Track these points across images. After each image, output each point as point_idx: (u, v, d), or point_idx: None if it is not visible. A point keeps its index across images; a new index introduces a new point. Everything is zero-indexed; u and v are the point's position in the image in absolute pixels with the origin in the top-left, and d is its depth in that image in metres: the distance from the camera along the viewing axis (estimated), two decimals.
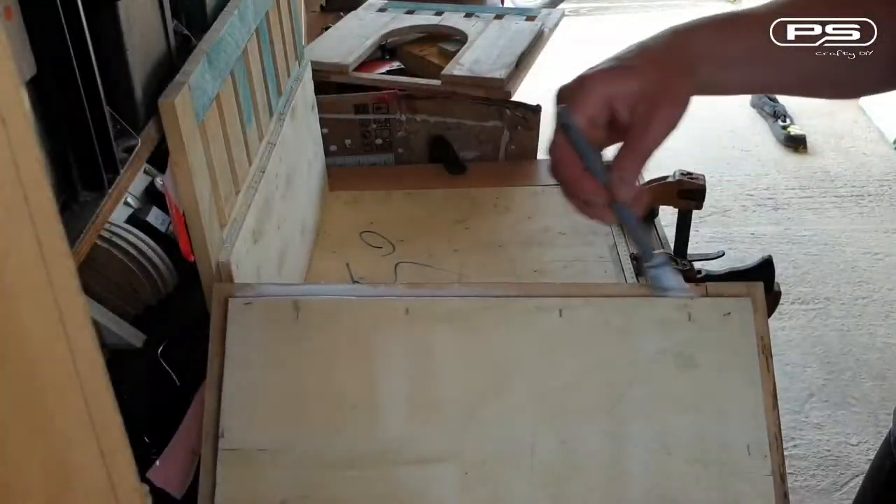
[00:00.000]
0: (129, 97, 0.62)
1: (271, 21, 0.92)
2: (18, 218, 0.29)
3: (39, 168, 0.30)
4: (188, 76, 0.65)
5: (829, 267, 2.62)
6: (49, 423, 0.33)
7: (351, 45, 1.40)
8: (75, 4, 0.52)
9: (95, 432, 0.37)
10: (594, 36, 4.79)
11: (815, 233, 2.79)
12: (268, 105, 0.92)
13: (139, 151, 0.62)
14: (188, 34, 0.74)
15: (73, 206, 0.56)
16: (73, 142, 0.55)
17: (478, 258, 1.12)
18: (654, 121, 0.58)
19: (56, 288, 0.32)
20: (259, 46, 0.87)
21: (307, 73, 1.14)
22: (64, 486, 0.34)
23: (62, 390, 0.34)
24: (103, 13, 0.57)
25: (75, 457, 0.35)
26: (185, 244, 0.73)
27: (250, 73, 0.83)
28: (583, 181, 0.60)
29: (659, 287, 0.68)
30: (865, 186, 2.94)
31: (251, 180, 0.84)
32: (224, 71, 0.74)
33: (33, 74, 0.51)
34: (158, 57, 0.67)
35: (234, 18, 0.77)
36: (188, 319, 0.98)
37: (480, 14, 1.51)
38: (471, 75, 1.27)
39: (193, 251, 0.71)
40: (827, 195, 2.98)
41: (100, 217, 0.57)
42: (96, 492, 0.38)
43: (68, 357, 0.34)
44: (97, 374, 0.37)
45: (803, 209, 2.93)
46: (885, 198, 2.86)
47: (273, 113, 0.95)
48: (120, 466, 0.40)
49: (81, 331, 0.35)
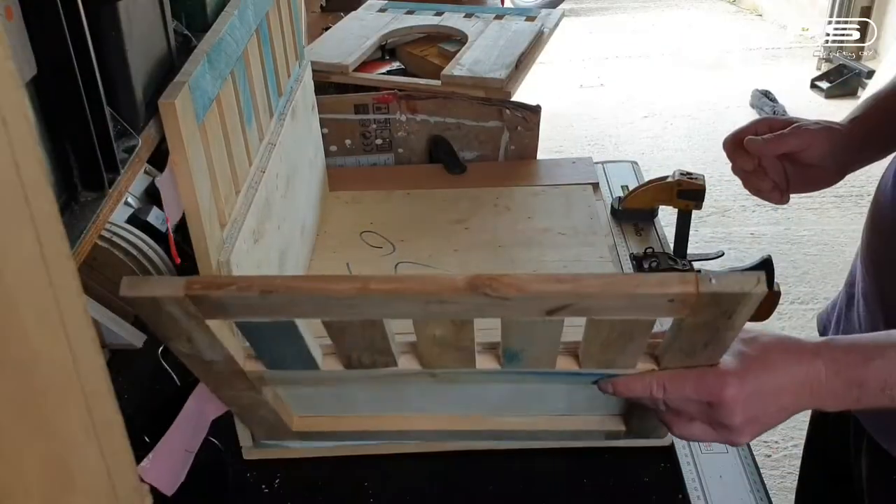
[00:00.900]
0: (130, 97, 0.62)
1: (271, 21, 0.92)
2: (19, 218, 0.29)
3: (40, 168, 0.30)
4: (188, 76, 0.65)
5: (829, 267, 2.62)
6: (49, 424, 0.33)
7: (351, 45, 1.40)
8: (75, 5, 0.52)
9: (96, 433, 0.37)
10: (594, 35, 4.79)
11: (814, 233, 2.79)
12: (268, 105, 0.92)
13: (139, 151, 0.62)
14: (188, 34, 0.74)
15: (74, 207, 0.56)
16: (74, 142, 0.55)
17: (478, 258, 1.12)
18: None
19: (56, 288, 0.32)
20: (259, 47, 0.87)
21: (307, 73, 1.14)
22: (64, 487, 0.34)
23: (63, 391, 0.34)
24: (103, 13, 0.57)
25: (76, 457, 0.35)
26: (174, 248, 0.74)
27: (250, 74, 0.83)
28: None
29: None
30: (865, 186, 2.94)
31: (251, 180, 0.84)
32: (224, 71, 0.74)
33: (34, 75, 0.51)
34: (159, 57, 0.67)
35: (234, 19, 0.77)
36: None
37: (480, 14, 1.51)
38: (471, 75, 1.27)
39: (194, 251, 0.71)
40: (826, 195, 2.98)
41: (100, 217, 0.57)
42: (97, 492, 0.38)
43: (69, 357, 0.34)
44: (98, 374, 0.37)
45: (803, 209, 2.93)
46: None
47: (273, 113, 0.95)
48: (121, 467, 0.40)
49: (82, 331, 0.35)
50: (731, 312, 0.52)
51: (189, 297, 0.51)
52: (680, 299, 0.50)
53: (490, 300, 0.49)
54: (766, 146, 0.84)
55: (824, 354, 0.60)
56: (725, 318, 0.52)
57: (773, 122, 0.87)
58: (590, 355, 0.60)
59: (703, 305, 0.51)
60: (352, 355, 0.61)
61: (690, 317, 0.52)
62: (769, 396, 0.60)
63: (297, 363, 0.62)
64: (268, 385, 0.69)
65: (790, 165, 0.86)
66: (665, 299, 0.50)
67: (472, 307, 0.52)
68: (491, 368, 0.63)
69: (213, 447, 0.84)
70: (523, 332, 0.57)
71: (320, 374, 0.65)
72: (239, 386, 0.67)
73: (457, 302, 0.50)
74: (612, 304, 0.51)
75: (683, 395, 0.61)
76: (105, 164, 0.57)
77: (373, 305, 0.52)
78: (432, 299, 0.50)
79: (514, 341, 0.59)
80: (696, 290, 0.49)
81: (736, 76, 4.05)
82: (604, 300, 0.51)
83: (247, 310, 0.53)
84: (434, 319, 0.55)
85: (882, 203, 0.82)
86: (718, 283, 0.49)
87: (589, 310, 0.53)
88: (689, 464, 0.81)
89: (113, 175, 0.58)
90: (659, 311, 0.52)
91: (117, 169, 0.59)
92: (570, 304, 0.51)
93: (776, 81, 3.87)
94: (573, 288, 0.49)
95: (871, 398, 0.60)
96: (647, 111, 3.66)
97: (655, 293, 0.50)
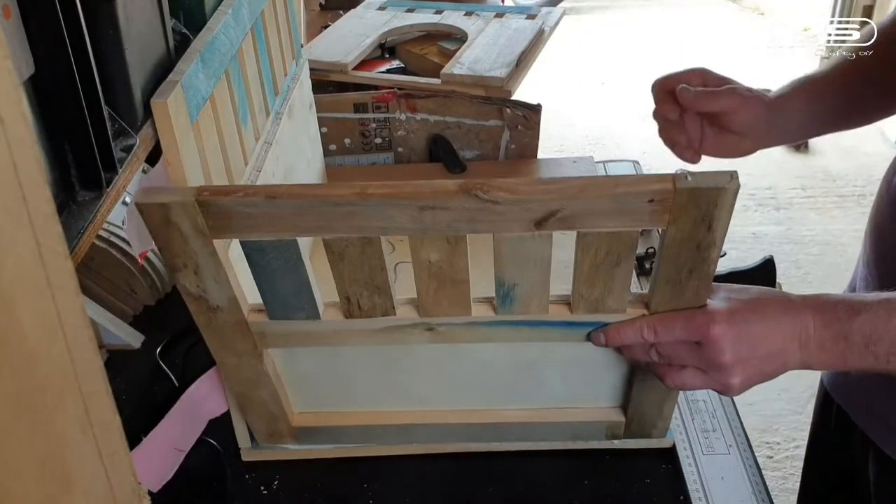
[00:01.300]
0: (128, 96, 0.62)
1: (267, 19, 0.91)
2: (17, 218, 0.29)
3: (38, 168, 0.30)
4: (181, 76, 0.65)
5: (831, 267, 2.62)
6: (47, 424, 0.33)
7: (350, 43, 1.39)
8: (73, 3, 0.52)
9: (94, 433, 0.37)
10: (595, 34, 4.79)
11: (816, 233, 2.79)
12: (264, 104, 0.92)
13: (137, 151, 0.62)
14: (187, 33, 0.74)
15: (72, 206, 0.56)
16: (72, 141, 0.55)
17: (478, 258, 1.12)
18: None
19: (54, 288, 0.32)
20: (254, 45, 0.87)
21: (305, 71, 1.14)
22: (62, 487, 0.34)
23: (60, 391, 0.34)
24: (101, 12, 0.57)
25: (73, 457, 0.35)
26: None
27: (245, 73, 0.83)
28: None
29: None
30: (867, 186, 2.94)
31: (247, 180, 0.84)
32: (218, 70, 0.73)
33: (31, 73, 0.51)
34: (157, 56, 0.67)
35: (228, 17, 0.76)
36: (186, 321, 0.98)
37: (480, 13, 1.50)
38: (471, 74, 1.27)
39: None
40: (829, 195, 2.98)
41: (98, 217, 0.56)
42: (95, 493, 0.38)
43: (66, 358, 0.34)
44: (96, 374, 0.37)
45: (805, 209, 2.93)
46: None
47: (269, 112, 0.95)
48: (119, 467, 0.40)
49: (80, 331, 0.34)
50: (710, 218, 0.54)
51: (198, 203, 0.54)
52: (659, 198, 0.52)
53: (481, 204, 0.52)
54: (696, 99, 0.81)
55: (812, 306, 0.61)
56: (706, 229, 0.55)
57: (707, 75, 0.84)
58: (580, 295, 0.62)
59: (681, 207, 0.53)
60: (351, 296, 0.62)
61: (672, 225, 0.55)
62: (758, 338, 0.61)
63: (298, 306, 0.63)
64: (269, 350, 0.70)
65: (708, 126, 0.84)
66: (645, 199, 0.53)
67: (464, 215, 0.54)
68: (486, 316, 0.65)
69: (211, 448, 0.84)
70: (514, 252, 0.58)
71: (321, 328, 0.66)
72: (241, 347, 0.67)
73: (449, 207, 0.53)
74: (595, 208, 0.54)
75: (674, 335, 0.63)
76: (103, 164, 0.57)
77: (371, 212, 0.54)
78: (426, 203, 0.53)
79: (506, 269, 0.60)
80: (673, 186, 0.52)
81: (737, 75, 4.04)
82: (587, 202, 0.53)
83: (252, 223, 0.55)
84: (429, 238, 0.57)
85: (883, 203, 0.82)
86: (694, 180, 0.52)
87: (574, 218, 0.54)
88: (690, 465, 0.81)
89: (111, 174, 0.58)
90: (641, 216, 0.54)
91: (115, 168, 0.58)
92: (557, 211, 0.53)
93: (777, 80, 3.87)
94: (558, 188, 0.53)
95: (855, 355, 0.60)
96: (649, 110, 3.63)
97: (635, 191, 0.52)
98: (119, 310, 1.00)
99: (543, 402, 0.78)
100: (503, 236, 0.57)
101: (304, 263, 0.61)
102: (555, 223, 0.55)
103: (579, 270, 0.61)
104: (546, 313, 0.65)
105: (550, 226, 0.55)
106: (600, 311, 0.64)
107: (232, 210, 0.54)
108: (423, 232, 0.57)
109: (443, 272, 0.61)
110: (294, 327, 0.66)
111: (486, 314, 0.66)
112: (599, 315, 0.65)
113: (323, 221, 0.56)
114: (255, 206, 0.54)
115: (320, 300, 0.65)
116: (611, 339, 0.66)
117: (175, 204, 0.54)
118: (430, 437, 0.81)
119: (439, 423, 0.79)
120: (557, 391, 0.76)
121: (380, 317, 0.65)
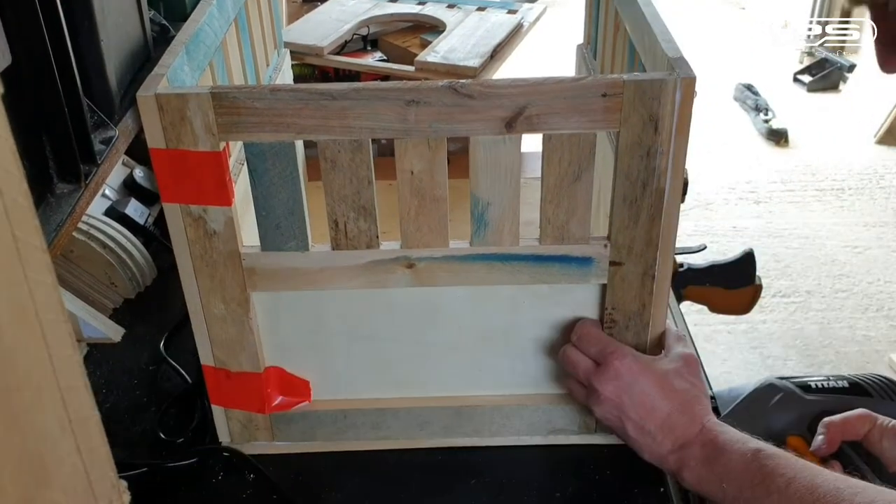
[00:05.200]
0: (105, 87, 0.62)
1: (250, 10, 0.91)
2: None
3: (14, 160, 0.30)
4: (166, 69, 0.64)
5: (810, 260, 2.64)
6: (25, 419, 0.32)
7: (328, 28, 1.39)
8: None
9: (72, 428, 0.36)
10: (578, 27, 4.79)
11: (796, 226, 2.81)
12: None
13: (117, 143, 0.61)
14: (166, 24, 0.73)
15: (50, 199, 0.55)
16: (50, 133, 0.54)
17: (456, 209, 1.11)
18: None
19: (31, 283, 0.32)
20: (238, 36, 0.86)
21: (286, 61, 1.14)
22: (40, 483, 0.34)
23: (38, 386, 0.33)
24: (77, 2, 0.56)
25: (51, 453, 0.35)
26: None
27: (229, 64, 0.82)
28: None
29: None
30: (846, 180, 2.97)
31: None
32: (203, 62, 0.73)
33: (8, 65, 0.50)
34: (134, 47, 0.67)
35: (212, 8, 0.76)
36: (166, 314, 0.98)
37: (462, 5, 1.50)
38: (444, 62, 1.27)
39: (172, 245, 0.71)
40: (808, 189, 3.00)
41: (77, 209, 0.56)
42: (73, 488, 0.37)
43: (44, 352, 0.33)
44: (74, 369, 0.36)
45: (785, 203, 2.95)
46: (866, 192, 2.89)
47: None
48: (98, 462, 0.39)
49: (58, 326, 0.34)
50: (656, 118, 0.62)
51: (212, 96, 0.59)
52: (612, 92, 0.61)
53: (459, 99, 0.61)
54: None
55: (706, 435, 0.66)
56: (653, 130, 0.63)
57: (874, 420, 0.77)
58: (547, 220, 0.69)
59: (630, 104, 0.61)
60: (339, 218, 0.68)
61: (623, 126, 0.62)
62: (639, 400, 0.68)
63: (290, 232, 0.68)
64: (254, 301, 0.72)
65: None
66: (599, 93, 0.61)
67: (444, 113, 0.62)
68: (462, 249, 0.71)
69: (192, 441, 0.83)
70: (488, 160, 0.66)
71: (309, 264, 0.70)
72: (230, 290, 0.70)
73: (431, 102, 0.61)
74: (557, 105, 0.62)
75: (588, 349, 0.70)
76: (81, 156, 0.57)
77: (362, 107, 0.62)
78: (412, 98, 0.61)
79: (480, 183, 0.68)
80: (622, 82, 0.61)
81: (719, 69, 4.06)
82: (550, 98, 0.62)
83: (257, 121, 0.62)
84: (412, 143, 0.64)
85: None
86: (640, 74, 0.63)
87: (539, 119, 0.63)
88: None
89: (90, 167, 0.58)
90: (596, 114, 0.62)
91: (94, 160, 0.58)
92: (525, 107, 0.62)
93: (759, 75, 3.89)
94: (525, 84, 0.61)
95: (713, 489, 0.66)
96: None
97: (591, 84, 0.61)
98: (99, 303, 0.99)
99: (519, 386, 0.79)
100: (478, 139, 0.64)
101: (299, 180, 0.66)
102: (523, 123, 0.63)
103: (545, 188, 0.68)
104: (517, 244, 0.70)
105: (519, 126, 0.63)
106: (566, 239, 0.69)
107: (241, 104, 0.60)
108: (407, 133, 0.63)
109: (423, 186, 0.67)
110: (284, 262, 0.69)
111: (461, 247, 0.71)
112: (565, 246, 0.70)
113: (320, 119, 0.62)
114: (261, 99, 0.60)
115: (308, 227, 0.69)
116: (565, 355, 0.73)
117: (192, 95, 0.59)
118: (406, 427, 0.81)
119: (415, 407, 0.79)
120: (532, 372, 0.78)
121: (364, 248, 0.70)
